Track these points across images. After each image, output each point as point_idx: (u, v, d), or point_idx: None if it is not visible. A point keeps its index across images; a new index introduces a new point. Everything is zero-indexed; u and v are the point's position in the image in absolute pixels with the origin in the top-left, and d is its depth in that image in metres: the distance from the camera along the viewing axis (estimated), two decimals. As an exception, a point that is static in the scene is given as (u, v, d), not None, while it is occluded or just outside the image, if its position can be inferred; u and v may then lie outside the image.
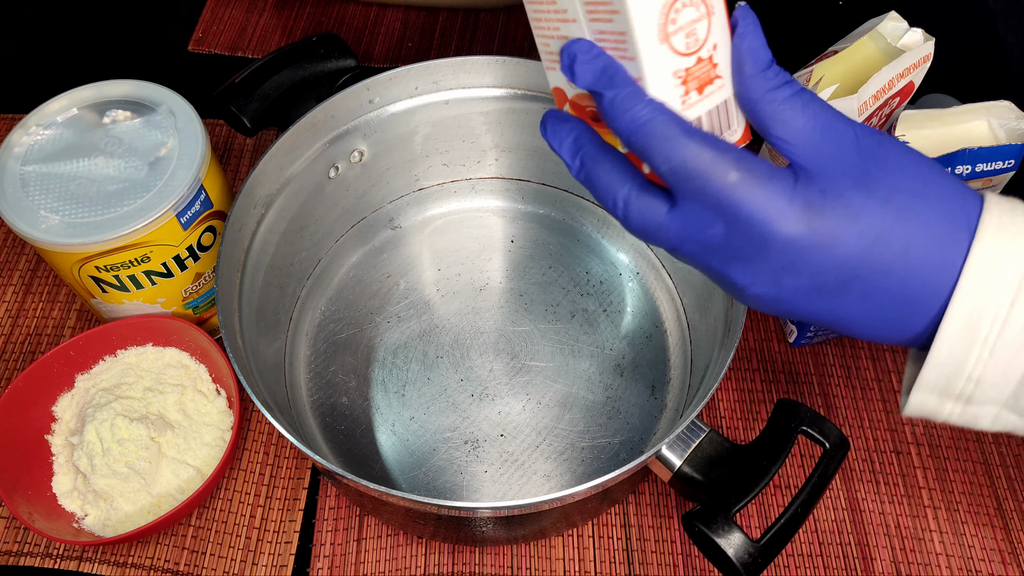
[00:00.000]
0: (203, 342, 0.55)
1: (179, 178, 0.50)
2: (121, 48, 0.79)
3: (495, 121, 0.59)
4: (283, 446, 0.56)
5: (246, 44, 0.78)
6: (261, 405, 0.42)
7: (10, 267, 0.65)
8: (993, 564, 0.52)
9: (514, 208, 0.65)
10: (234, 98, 0.54)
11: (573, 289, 0.60)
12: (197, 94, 0.57)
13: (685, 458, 0.43)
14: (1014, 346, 0.31)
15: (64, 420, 0.54)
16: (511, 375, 0.57)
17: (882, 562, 0.52)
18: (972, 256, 0.31)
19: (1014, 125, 0.55)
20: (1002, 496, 0.54)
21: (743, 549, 0.40)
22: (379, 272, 0.62)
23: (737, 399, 0.58)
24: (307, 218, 0.57)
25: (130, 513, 0.51)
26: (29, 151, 0.51)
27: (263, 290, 0.53)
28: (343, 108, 0.54)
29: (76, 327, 0.61)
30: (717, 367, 0.45)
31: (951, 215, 0.31)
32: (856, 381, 0.59)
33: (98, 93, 0.54)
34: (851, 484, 0.55)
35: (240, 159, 0.70)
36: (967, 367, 0.32)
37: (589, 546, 0.52)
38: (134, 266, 0.50)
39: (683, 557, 0.52)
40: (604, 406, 0.55)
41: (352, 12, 0.80)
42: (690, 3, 0.31)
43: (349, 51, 0.58)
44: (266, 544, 0.53)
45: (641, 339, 0.58)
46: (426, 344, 0.58)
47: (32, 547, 0.53)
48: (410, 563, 0.52)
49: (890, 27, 0.55)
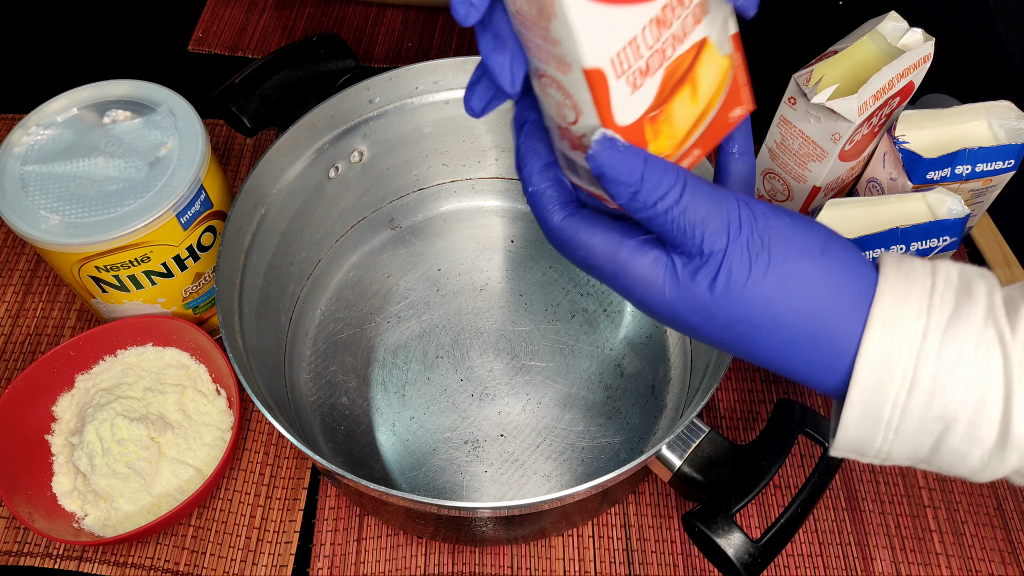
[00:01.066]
0: (203, 342, 0.55)
1: (179, 178, 0.50)
2: (121, 48, 0.79)
3: (495, 121, 0.59)
4: (283, 446, 0.56)
5: (246, 44, 0.78)
6: (261, 405, 0.42)
7: (10, 267, 0.65)
8: (993, 564, 0.52)
9: (514, 208, 0.65)
10: (234, 98, 0.54)
11: (573, 289, 0.60)
12: (197, 94, 0.57)
13: (685, 458, 0.43)
14: (917, 429, 0.31)
15: (64, 420, 0.54)
16: (511, 375, 0.57)
17: (882, 562, 0.52)
18: (863, 349, 0.30)
19: (1014, 125, 0.55)
20: (1002, 496, 0.54)
21: (743, 549, 0.40)
22: (379, 272, 0.62)
23: (737, 399, 0.58)
24: (307, 218, 0.57)
25: (130, 513, 0.51)
26: (29, 151, 0.51)
27: (263, 290, 0.53)
28: (343, 108, 0.54)
29: (76, 327, 0.61)
30: (717, 367, 0.45)
31: (848, 300, 0.31)
32: (856, 381, 0.59)
33: (98, 93, 0.54)
34: (851, 484, 0.55)
35: (240, 159, 0.70)
36: (875, 445, 0.32)
37: (589, 546, 0.52)
38: (134, 266, 0.50)
39: (683, 557, 0.52)
40: (604, 406, 0.55)
41: (352, 12, 0.80)
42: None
43: (349, 51, 0.58)
44: (266, 544, 0.53)
45: (641, 339, 0.58)
46: (426, 344, 0.58)
47: (32, 547, 0.53)
48: (410, 563, 0.52)
49: (890, 27, 0.55)
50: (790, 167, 0.58)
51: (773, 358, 0.32)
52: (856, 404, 0.31)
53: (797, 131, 0.56)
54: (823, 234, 0.32)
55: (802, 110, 0.55)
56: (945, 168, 0.53)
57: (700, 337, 0.33)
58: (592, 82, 0.28)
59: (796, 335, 0.31)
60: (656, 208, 0.30)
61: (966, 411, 0.30)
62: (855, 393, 0.31)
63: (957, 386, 0.30)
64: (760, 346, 0.32)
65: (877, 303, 0.31)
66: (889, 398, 0.30)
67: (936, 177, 0.53)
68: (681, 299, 0.31)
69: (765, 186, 0.61)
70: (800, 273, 0.31)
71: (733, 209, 0.30)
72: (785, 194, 0.60)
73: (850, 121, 0.52)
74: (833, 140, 0.54)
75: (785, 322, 0.31)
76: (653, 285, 0.32)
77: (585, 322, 0.59)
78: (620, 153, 0.29)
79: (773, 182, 0.60)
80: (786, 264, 0.31)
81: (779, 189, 0.60)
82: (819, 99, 0.52)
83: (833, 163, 0.56)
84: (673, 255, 0.31)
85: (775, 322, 0.31)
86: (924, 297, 0.31)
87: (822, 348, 0.31)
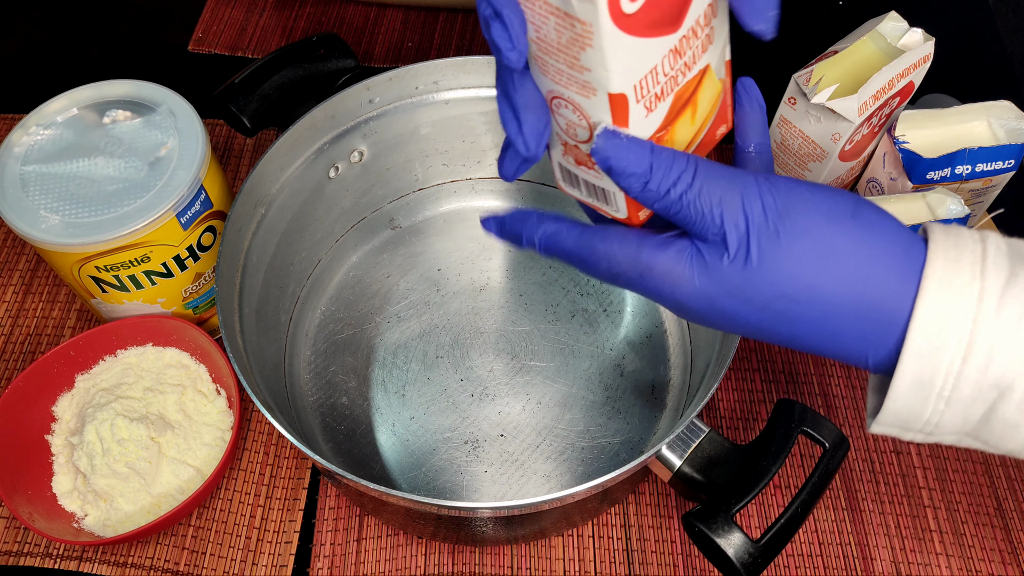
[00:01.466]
0: (203, 342, 0.55)
1: (179, 178, 0.50)
2: (121, 48, 0.79)
3: (495, 121, 0.59)
4: (283, 446, 0.56)
5: (246, 44, 0.78)
6: (261, 405, 0.42)
7: (10, 267, 0.65)
8: (993, 564, 0.52)
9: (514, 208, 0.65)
10: (234, 98, 0.54)
11: (573, 289, 0.60)
12: (197, 94, 0.57)
13: (685, 458, 0.43)
14: (970, 398, 0.30)
15: (64, 420, 0.54)
16: (511, 375, 0.57)
17: (882, 562, 0.52)
18: (917, 315, 0.29)
19: (1014, 125, 0.55)
20: (1002, 496, 0.54)
21: (743, 549, 0.40)
22: (379, 272, 0.62)
23: (737, 399, 0.58)
24: (307, 218, 0.57)
25: (130, 513, 0.51)
26: (29, 151, 0.51)
27: (263, 290, 0.53)
28: (343, 108, 0.54)
29: (76, 327, 0.61)
30: (717, 367, 0.45)
31: (894, 264, 0.30)
32: (856, 381, 0.59)
33: (98, 93, 0.54)
34: (851, 484, 0.55)
35: (240, 159, 0.70)
36: (924, 416, 0.31)
37: (589, 546, 0.52)
38: (134, 266, 0.50)
39: (683, 557, 0.52)
40: (604, 406, 0.55)
41: (352, 12, 0.80)
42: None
43: (349, 51, 0.58)
44: (266, 544, 0.53)
45: (641, 339, 0.58)
46: (426, 344, 0.58)
47: (32, 547, 0.53)
48: (410, 563, 0.52)
49: (890, 27, 0.55)
50: (790, 167, 0.58)
51: (817, 334, 0.31)
52: (907, 373, 0.30)
53: (797, 131, 0.56)
54: (851, 199, 0.31)
55: (802, 110, 0.55)
56: (945, 168, 0.53)
57: (740, 326, 0.32)
58: (614, 105, 0.30)
59: (838, 305, 0.30)
60: (670, 195, 0.30)
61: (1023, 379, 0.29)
62: (907, 361, 0.30)
63: (1015, 351, 0.29)
64: (803, 322, 0.31)
65: (929, 266, 0.30)
66: (943, 365, 0.30)
67: (936, 177, 0.53)
68: (713, 285, 0.31)
69: (765, 186, 0.61)
70: (832, 239, 0.30)
71: (750, 184, 0.30)
72: (785, 194, 0.59)
73: (850, 121, 0.52)
74: (833, 140, 0.54)
75: (825, 292, 0.30)
76: (681, 277, 0.31)
77: (585, 322, 0.59)
78: (625, 144, 0.30)
79: (773, 182, 0.60)
80: (815, 231, 0.30)
81: (779, 189, 0.60)
82: (819, 99, 0.52)
83: (833, 163, 0.56)
84: (697, 243, 0.31)
85: (813, 292, 0.30)
86: (976, 261, 0.30)
87: (869, 317, 0.30)
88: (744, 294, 0.31)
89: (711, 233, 0.30)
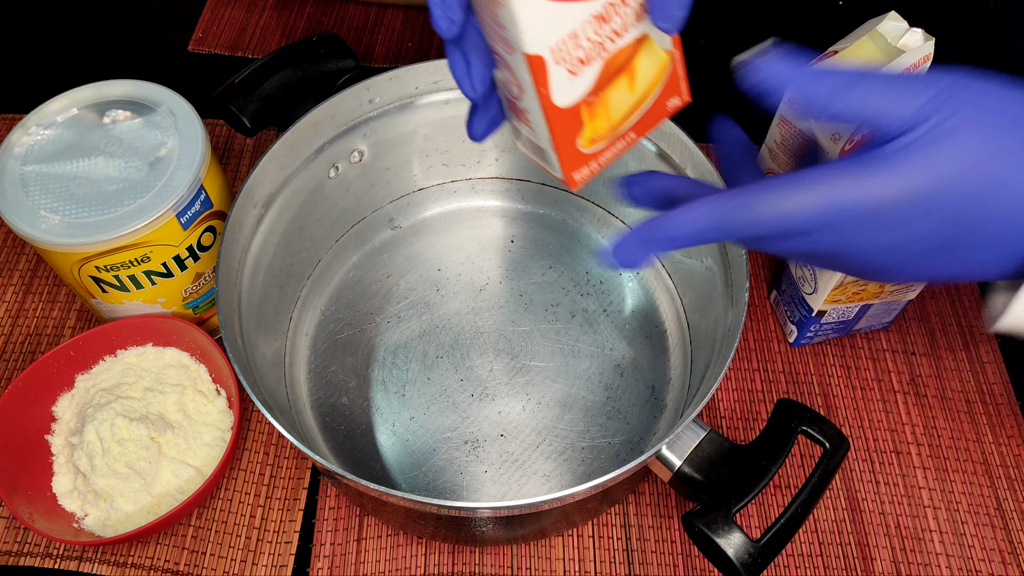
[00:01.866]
0: (203, 342, 0.55)
1: (179, 178, 0.50)
2: (121, 48, 0.79)
3: (495, 121, 0.59)
4: (283, 446, 0.56)
5: (246, 44, 0.78)
6: (261, 405, 0.42)
7: (10, 267, 0.65)
8: (993, 564, 0.52)
9: (514, 208, 0.65)
10: (234, 98, 0.54)
11: (573, 289, 0.60)
12: (197, 94, 0.57)
13: (685, 458, 0.43)
14: None
15: (64, 420, 0.54)
16: (511, 375, 0.57)
17: (882, 562, 0.52)
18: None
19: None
20: (1002, 496, 0.54)
21: (743, 549, 0.40)
22: (379, 272, 0.62)
23: (737, 399, 0.58)
24: (307, 218, 0.57)
25: (130, 513, 0.51)
26: (29, 151, 0.51)
27: (263, 290, 0.53)
28: (343, 108, 0.54)
29: (76, 327, 0.61)
30: (717, 367, 0.45)
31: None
32: (856, 381, 0.59)
33: (98, 93, 0.54)
34: (851, 484, 0.55)
35: (240, 159, 0.70)
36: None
37: (589, 546, 0.52)
38: (134, 266, 0.50)
39: (683, 557, 0.52)
40: (604, 406, 0.55)
41: (352, 12, 0.80)
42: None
43: (349, 51, 0.58)
44: (266, 544, 0.53)
45: (641, 339, 0.58)
46: (426, 344, 0.58)
47: (32, 547, 0.53)
48: (410, 563, 0.52)
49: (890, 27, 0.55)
50: (790, 167, 0.58)
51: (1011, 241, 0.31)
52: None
53: (797, 131, 0.56)
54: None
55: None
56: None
57: (929, 243, 0.32)
58: (532, 66, 0.31)
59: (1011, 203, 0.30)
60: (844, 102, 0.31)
61: None
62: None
63: None
64: (995, 219, 0.31)
65: None
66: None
67: None
68: (901, 185, 0.30)
69: (765, 186, 0.61)
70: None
71: (920, 77, 0.31)
72: (785, 194, 0.59)
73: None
74: (833, 140, 0.54)
75: (1000, 188, 0.30)
76: (870, 191, 0.31)
77: (585, 322, 0.59)
78: (812, 74, 0.31)
79: (773, 182, 0.60)
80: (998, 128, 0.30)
81: (779, 189, 0.60)
82: (819, 99, 0.52)
83: (833, 163, 0.56)
84: (871, 150, 0.31)
85: (988, 182, 0.30)
86: None
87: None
88: (937, 191, 0.30)
89: (892, 125, 0.30)
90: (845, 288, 0.53)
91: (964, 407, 0.58)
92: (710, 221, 0.33)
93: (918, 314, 0.62)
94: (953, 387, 0.59)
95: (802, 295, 0.56)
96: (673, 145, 0.52)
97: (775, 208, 0.32)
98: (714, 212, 0.33)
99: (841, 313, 0.56)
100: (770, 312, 0.62)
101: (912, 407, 0.58)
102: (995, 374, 0.59)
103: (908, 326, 0.61)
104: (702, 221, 0.33)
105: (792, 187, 0.31)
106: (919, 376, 0.59)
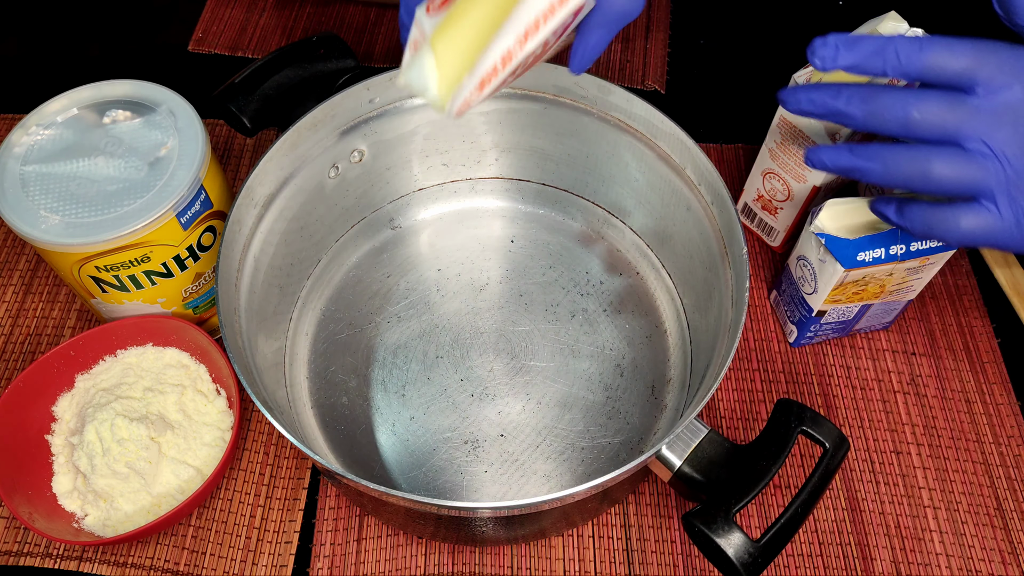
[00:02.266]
0: (203, 342, 0.55)
1: (179, 178, 0.50)
2: (121, 48, 0.79)
3: (495, 121, 0.59)
4: (283, 446, 0.56)
5: (246, 44, 0.78)
6: (261, 405, 0.42)
7: (10, 267, 0.65)
8: (993, 564, 0.52)
9: (514, 208, 0.65)
10: (234, 98, 0.54)
11: (573, 289, 0.60)
12: (197, 94, 0.57)
13: (685, 458, 0.43)
14: None
15: (64, 420, 0.54)
16: (511, 375, 0.57)
17: (882, 562, 0.52)
18: None
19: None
20: (1002, 496, 0.54)
21: (743, 549, 0.40)
22: (379, 272, 0.62)
23: (737, 399, 0.58)
24: (307, 218, 0.57)
25: (130, 513, 0.51)
26: (29, 151, 0.51)
27: (263, 290, 0.53)
28: (343, 108, 0.54)
29: (76, 327, 0.61)
30: (717, 367, 0.45)
31: None
32: (856, 381, 0.59)
33: (98, 93, 0.54)
34: (851, 484, 0.55)
35: (240, 159, 0.70)
36: None
37: (589, 546, 0.52)
38: (134, 266, 0.50)
39: (683, 557, 0.52)
40: (604, 406, 0.55)
41: (352, 12, 0.80)
42: None
43: (349, 51, 0.58)
44: (266, 544, 0.53)
45: (641, 339, 0.58)
46: (426, 344, 0.58)
47: (32, 547, 0.53)
48: (410, 563, 0.52)
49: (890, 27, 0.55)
50: (790, 167, 0.58)
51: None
52: None
53: (797, 131, 0.56)
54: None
55: (802, 110, 0.54)
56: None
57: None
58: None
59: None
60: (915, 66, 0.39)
61: None
62: None
63: None
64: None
65: None
66: None
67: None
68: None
69: (765, 186, 0.61)
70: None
71: (969, 40, 0.39)
72: (785, 194, 0.60)
73: (850, 121, 0.52)
74: (833, 141, 0.54)
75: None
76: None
77: (585, 322, 0.59)
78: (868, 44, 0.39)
79: (773, 182, 0.60)
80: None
81: (779, 189, 0.60)
82: (819, 99, 0.52)
83: (833, 163, 0.56)
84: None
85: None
86: None
87: None
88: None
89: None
90: (845, 288, 0.53)
91: (964, 407, 0.58)
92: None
93: (918, 314, 0.62)
94: (953, 387, 0.59)
95: (802, 295, 0.56)
96: (673, 145, 0.52)
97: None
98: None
99: (841, 313, 0.56)
100: (770, 312, 0.62)
101: (912, 407, 0.58)
102: (995, 374, 0.59)
103: (908, 326, 0.61)
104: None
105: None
106: (919, 376, 0.59)
